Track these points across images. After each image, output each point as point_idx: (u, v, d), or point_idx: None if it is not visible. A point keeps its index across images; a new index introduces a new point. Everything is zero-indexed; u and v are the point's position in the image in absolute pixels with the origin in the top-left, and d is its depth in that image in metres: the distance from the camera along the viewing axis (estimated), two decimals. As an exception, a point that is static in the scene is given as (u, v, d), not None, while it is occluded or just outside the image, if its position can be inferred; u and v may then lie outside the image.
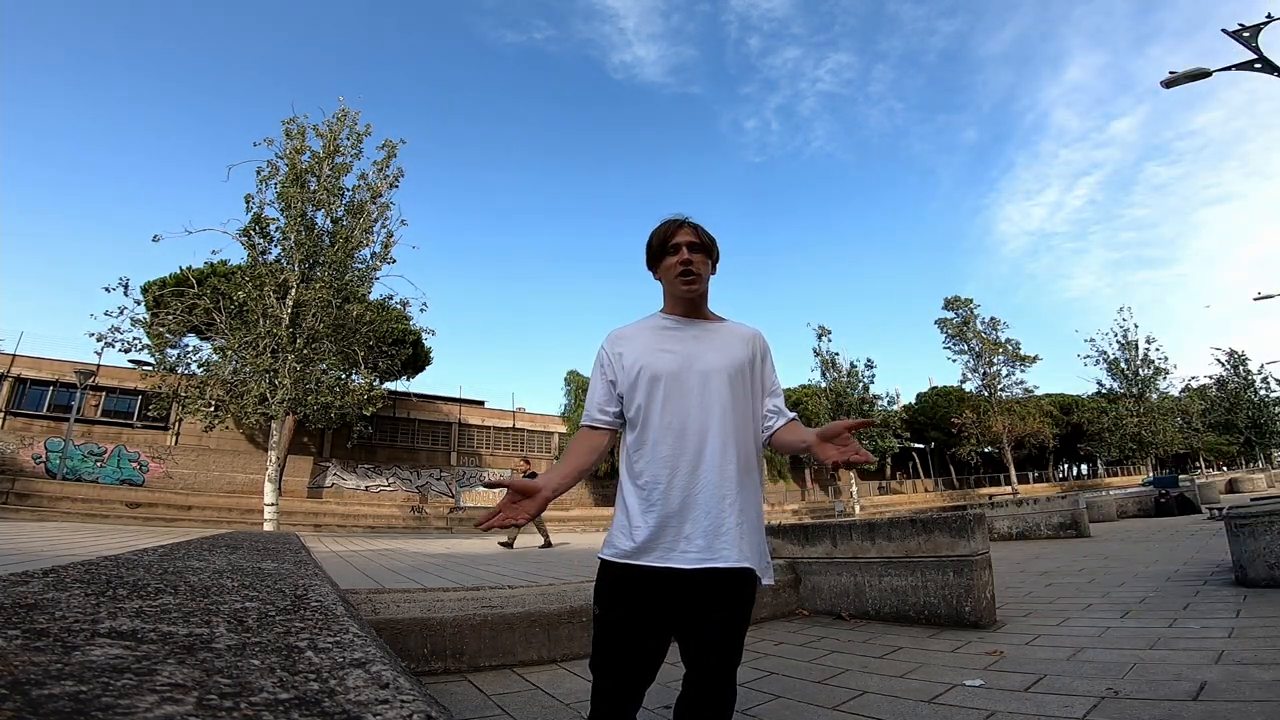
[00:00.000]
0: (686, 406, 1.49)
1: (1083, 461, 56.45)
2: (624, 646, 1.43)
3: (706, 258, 1.60)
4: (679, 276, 1.56)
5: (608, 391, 1.58)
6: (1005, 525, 11.85)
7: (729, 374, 1.52)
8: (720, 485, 1.45)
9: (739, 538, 1.44)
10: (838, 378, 35.33)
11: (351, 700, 0.45)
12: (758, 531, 1.51)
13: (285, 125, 16.16)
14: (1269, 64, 9.35)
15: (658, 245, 1.59)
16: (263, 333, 14.78)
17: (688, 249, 1.56)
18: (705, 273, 1.60)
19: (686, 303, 1.61)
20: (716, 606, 1.42)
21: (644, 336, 1.58)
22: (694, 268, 1.56)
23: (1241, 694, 2.37)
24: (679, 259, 1.55)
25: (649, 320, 1.64)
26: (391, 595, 3.42)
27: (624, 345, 1.59)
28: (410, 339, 20.96)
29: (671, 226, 1.59)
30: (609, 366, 1.59)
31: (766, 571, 1.51)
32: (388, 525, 22.77)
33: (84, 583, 1.00)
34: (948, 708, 2.53)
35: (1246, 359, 53.54)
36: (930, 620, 4.36)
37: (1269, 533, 4.81)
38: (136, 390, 23.45)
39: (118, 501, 19.05)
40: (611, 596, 1.47)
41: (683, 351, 1.54)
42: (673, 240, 1.57)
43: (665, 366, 1.52)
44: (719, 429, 1.48)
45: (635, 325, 1.64)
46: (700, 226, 1.61)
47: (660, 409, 1.50)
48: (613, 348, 1.60)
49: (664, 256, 1.59)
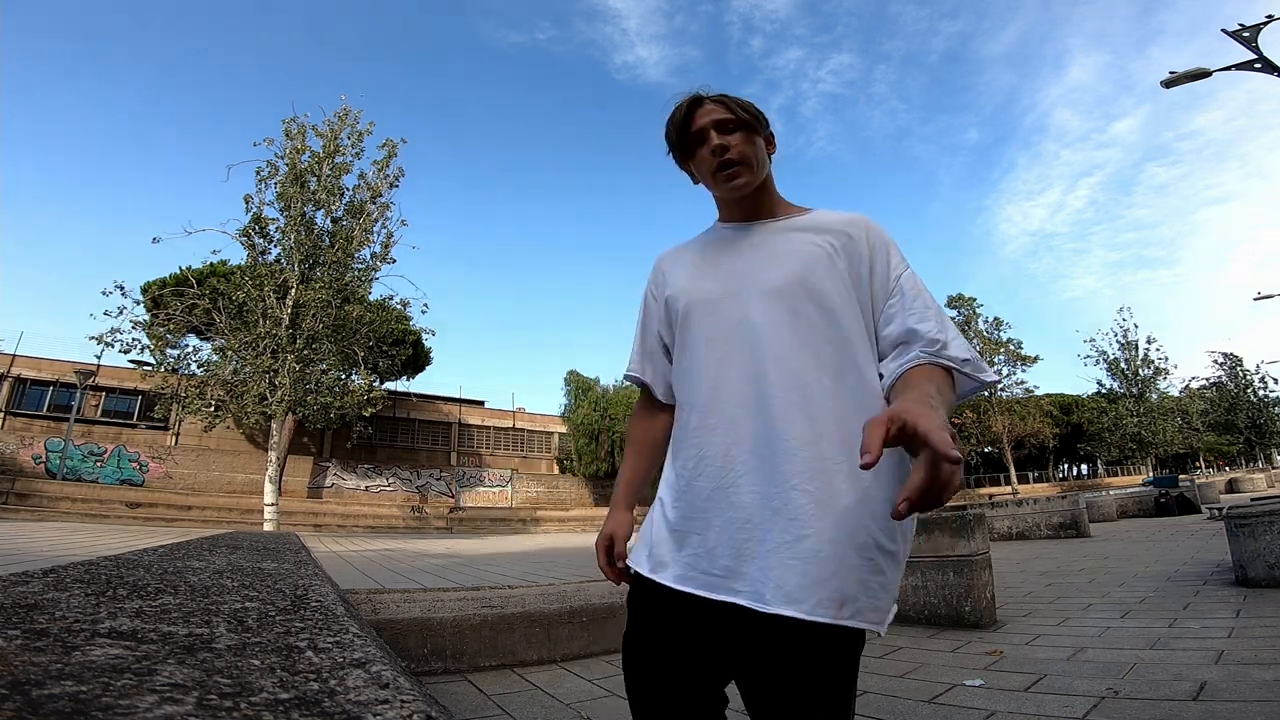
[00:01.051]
0: (720, 354, 1.05)
1: (1083, 461, 56.45)
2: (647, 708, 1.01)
3: (751, 135, 1.11)
4: (716, 173, 1.11)
5: (654, 336, 1.20)
6: (1005, 525, 11.86)
7: (788, 295, 1.03)
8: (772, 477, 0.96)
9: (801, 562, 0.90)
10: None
11: (351, 700, 0.45)
12: (855, 552, 0.93)
13: (285, 125, 16.18)
14: (1269, 64, 9.36)
15: (676, 137, 1.14)
16: (262, 333, 14.79)
17: (716, 131, 1.10)
18: (755, 156, 1.10)
19: (741, 204, 1.15)
20: (776, 673, 0.91)
21: (692, 254, 1.18)
22: (734, 154, 1.09)
23: (1241, 694, 2.37)
24: (709, 147, 1.10)
25: (703, 236, 1.23)
26: (391, 595, 3.42)
27: (670, 265, 1.20)
28: (410, 339, 20.97)
29: (683, 108, 1.13)
30: (653, 298, 1.21)
31: (868, 613, 0.92)
32: (388, 525, 22.78)
33: (84, 583, 1.00)
34: (948, 708, 2.53)
35: (1241, 360, 53.77)
36: (930, 620, 4.36)
37: (1269, 533, 4.81)
38: (136, 390, 23.47)
39: (118, 501, 19.05)
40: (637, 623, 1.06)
41: (730, 270, 1.10)
42: (693, 126, 1.12)
43: (699, 294, 1.10)
44: (771, 385, 0.99)
45: (688, 244, 1.23)
46: (729, 97, 1.13)
47: (689, 358, 1.09)
48: (658, 268, 1.22)
49: (691, 151, 1.14)
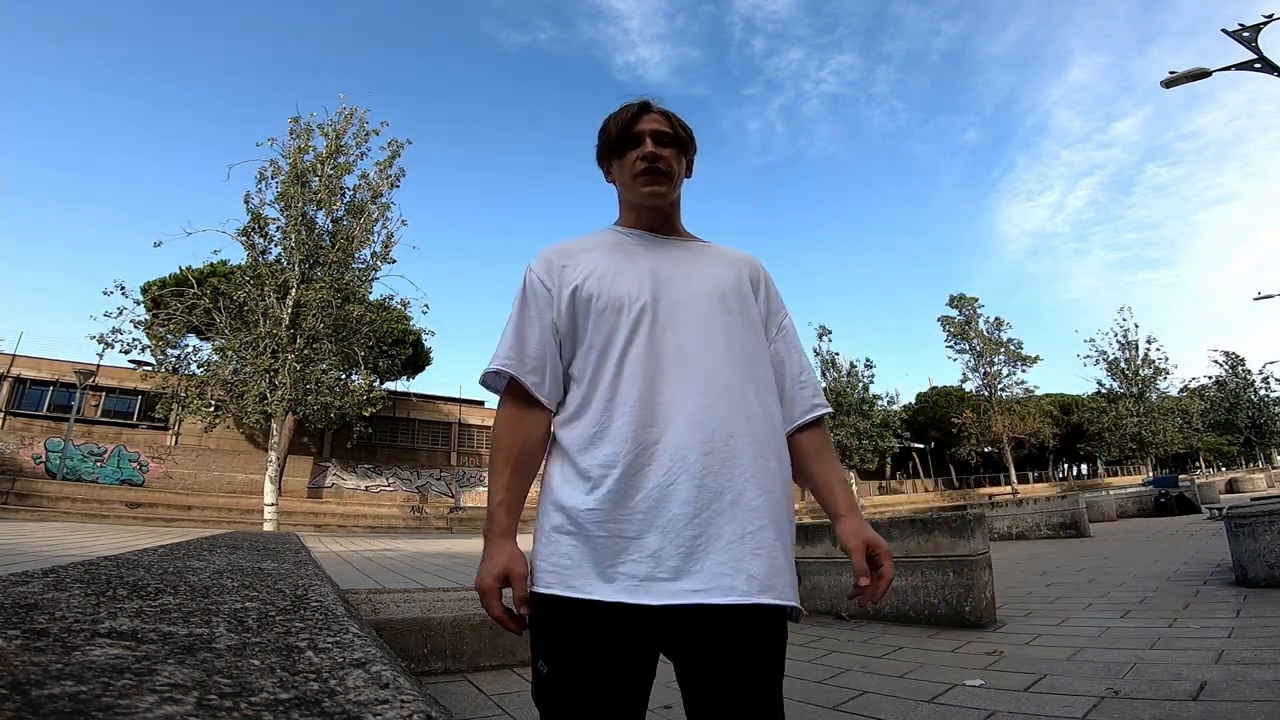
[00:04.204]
0: (655, 354, 1.02)
1: (1083, 461, 56.47)
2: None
3: (680, 154, 1.15)
4: (640, 175, 1.12)
5: (545, 329, 1.08)
6: (1005, 525, 11.86)
7: (719, 303, 1.08)
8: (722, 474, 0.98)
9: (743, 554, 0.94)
10: (838, 377, 35.47)
11: (351, 700, 0.45)
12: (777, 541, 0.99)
13: (291, 124, 16.18)
14: (1269, 64, 9.36)
15: (616, 135, 1.14)
16: (263, 333, 14.80)
17: (654, 140, 1.11)
18: (677, 173, 1.14)
19: (652, 214, 1.16)
20: (725, 667, 0.92)
21: (601, 252, 1.12)
22: (662, 164, 1.11)
23: (1241, 694, 2.37)
24: (641, 153, 1.11)
25: (598, 235, 1.19)
26: (391, 595, 3.42)
27: (571, 259, 1.11)
28: (410, 339, 20.97)
29: (633, 110, 1.14)
30: (545, 289, 1.10)
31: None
32: (388, 525, 22.79)
33: (84, 583, 1.00)
34: (948, 708, 2.53)
35: (1243, 360, 53.84)
36: (930, 620, 4.36)
37: (1269, 533, 4.81)
38: (136, 390, 23.46)
39: (118, 501, 19.06)
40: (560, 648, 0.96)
41: (654, 274, 1.09)
42: (635, 128, 1.13)
43: (624, 291, 1.06)
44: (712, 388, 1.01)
45: (578, 240, 1.17)
46: (672, 114, 1.17)
47: (613, 355, 1.03)
48: (551, 261, 1.12)
49: (622, 151, 1.14)
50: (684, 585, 0.91)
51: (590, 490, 0.97)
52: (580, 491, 0.98)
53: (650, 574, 0.91)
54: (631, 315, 1.04)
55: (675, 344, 1.02)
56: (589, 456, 0.99)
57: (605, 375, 1.02)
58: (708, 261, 1.14)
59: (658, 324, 1.04)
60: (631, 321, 1.03)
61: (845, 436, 33.85)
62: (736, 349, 1.05)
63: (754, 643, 0.93)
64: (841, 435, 33.87)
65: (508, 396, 1.08)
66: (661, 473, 0.95)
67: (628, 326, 1.03)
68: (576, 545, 0.95)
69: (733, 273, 1.14)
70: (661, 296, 1.06)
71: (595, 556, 0.93)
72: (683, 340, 1.03)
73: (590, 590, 0.92)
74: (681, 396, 0.99)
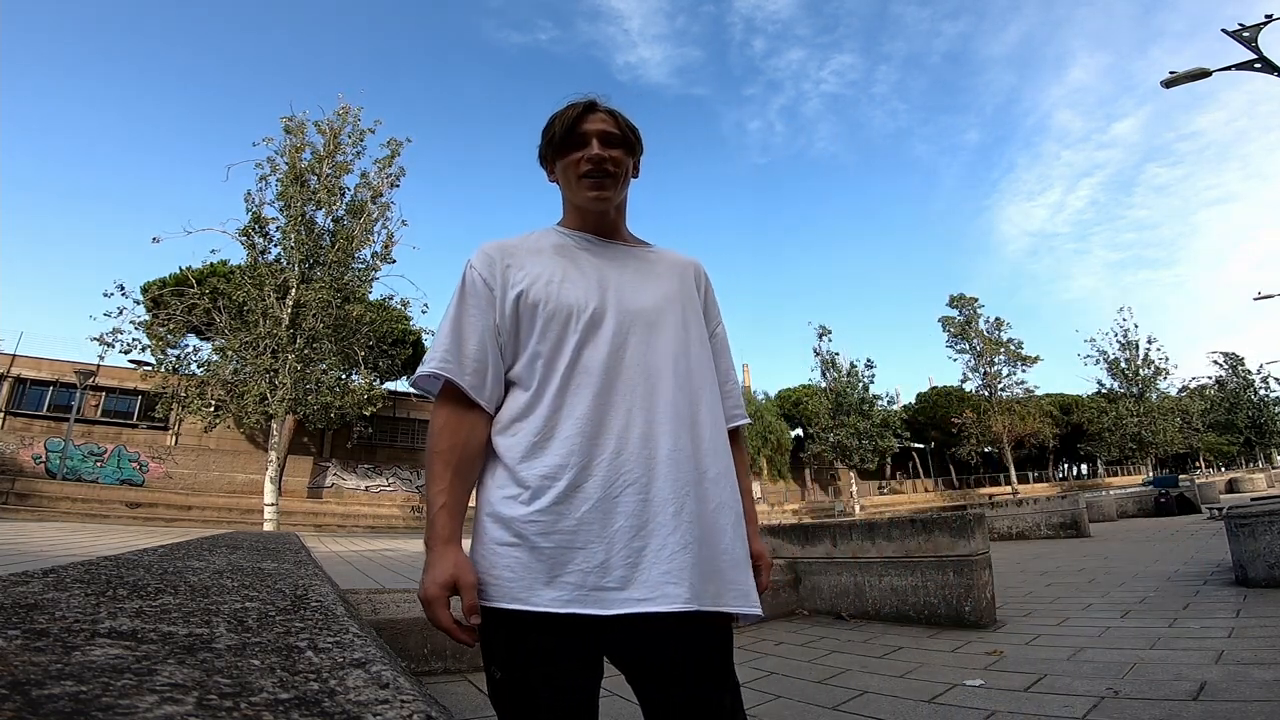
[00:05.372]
0: (604, 364, 1.01)
1: (1083, 461, 56.48)
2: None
3: (626, 155, 1.13)
4: (584, 178, 1.10)
5: (486, 330, 1.05)
6: (1005, 525, 11.86)
7: (667, 311, 1.08)
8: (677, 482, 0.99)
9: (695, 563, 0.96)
10: (838, 377, 35.51)
11: (351, 700, 0.45)
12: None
13: (284, 122, 16.18)
14: (1269, 64, 9.36)
15: (561, 134, 1.11)
16: (263, 333, 14.80)
17: (600, 141, 1.09)
18: (623, 174, 1.13)
19: (597, 217, 1.15)
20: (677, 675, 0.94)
21: (547, 254, 1.10)
22: (608, 166, 1.09)
23: (1241, 694, 2.37)
24: (587, 154, 1.09)
25: (541, 236, 1.15)
26: (391, 595, 3.42)
27: (515, 259, 1.08)
28: (410, 339, 21.00)
29: (578, 109, 1.12)
30: (487, 288, 1.06)
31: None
32: (388, 525, 22.78)
33: (84, 583, 1.00)
34: (948, 708, 2.53)
35: (1243, 360, 53.91)
36: (930, 620, 4.36)
37: (1269, 533, 4.81)
38: (136, 390, 23.46)
39: (118, 501, 19.05)
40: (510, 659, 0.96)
41: (603, 279, 1.07)
42: (580, 128, 1.11)
43: (572, 297, 1.04)
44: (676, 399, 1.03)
45: (521, 239, 1.14)
46: (619, 114, 1.15)
47: (561, 363, 1.01)
48: (493, 259, 1.08)
49: (567, 151, 1.12)
50: (630, 594, 0.91)
51: (530, 500, 0.96)
52: (518, 502, 0.97)
53: (599, 584, 0.92)
54: (580, 325, 1.02)
55: (624, 356, 1.02)
56: (529, 466, 0.97)
57: (551, 385, 1.01)
58: (655, 269, 1.15)
59: (607, 335, 1.02)
60: (580, 331, 1.02)
61: (845, 436, 33.89)
62: (684, 362, 1.06)
63: (699, 649, 0.94)
64: (842, 435, 33.90)
65: (445, 399, 1.04)
66: (608, 484, 0.95)
67: (576, 336, 1.01)
68: (519, 557, 0.94)
69: (679, 282, 1.15)
70: (610, 306, 1.04)
71: (541, 566, 0.93)
72: (632, 352, 1.02)
73: (536, 602, 0.91)
74: (629, 409, 0.99)
